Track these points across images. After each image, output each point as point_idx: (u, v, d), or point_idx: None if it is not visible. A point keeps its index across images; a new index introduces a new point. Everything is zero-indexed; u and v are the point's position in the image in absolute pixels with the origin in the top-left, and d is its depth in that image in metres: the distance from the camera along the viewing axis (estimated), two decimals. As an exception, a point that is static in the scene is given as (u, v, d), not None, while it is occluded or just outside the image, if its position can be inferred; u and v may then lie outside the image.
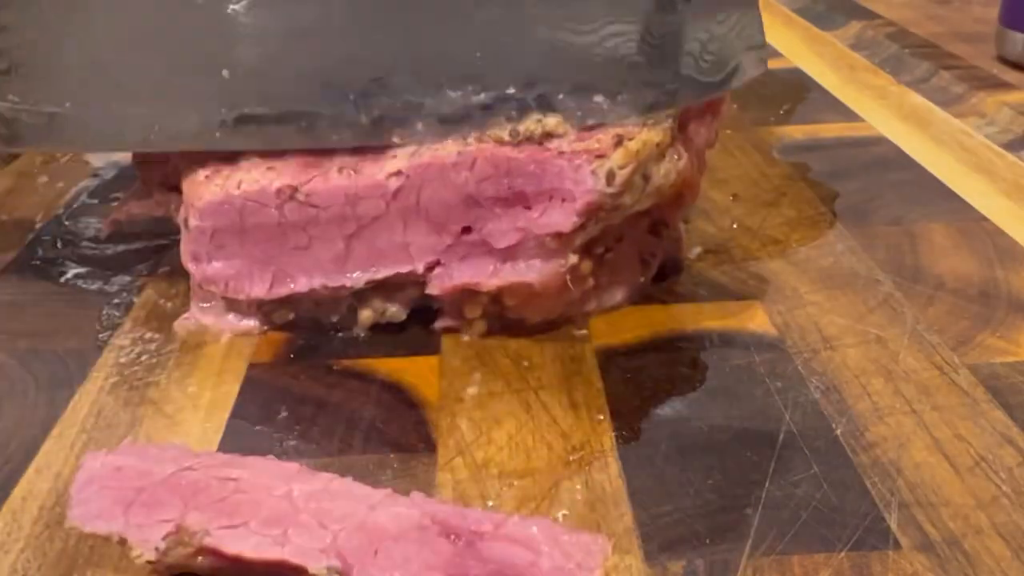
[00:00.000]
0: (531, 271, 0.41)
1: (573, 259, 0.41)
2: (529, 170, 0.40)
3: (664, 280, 0.47)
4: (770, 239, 0.51)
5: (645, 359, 0.42)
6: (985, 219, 0.53)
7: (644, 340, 0.43)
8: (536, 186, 0.40)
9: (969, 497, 0.33)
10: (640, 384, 0.40)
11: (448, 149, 0.40)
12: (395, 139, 0.41)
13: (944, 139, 0.64)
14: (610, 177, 0.39)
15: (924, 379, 0.40)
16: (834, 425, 0.37)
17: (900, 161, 0.61)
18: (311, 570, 0.29)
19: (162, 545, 0.29)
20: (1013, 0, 0.78)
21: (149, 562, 0.29)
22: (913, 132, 0.65)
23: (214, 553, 0.29)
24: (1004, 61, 0.79)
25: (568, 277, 0.41)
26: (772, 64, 0.79)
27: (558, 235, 0.40)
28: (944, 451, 0.36)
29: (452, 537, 0.30)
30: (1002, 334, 0.43)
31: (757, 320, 0.44)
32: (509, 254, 0.41)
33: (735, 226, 0.53)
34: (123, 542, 0.30)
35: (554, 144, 0.40)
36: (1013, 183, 0.57)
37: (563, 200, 0.40)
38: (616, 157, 0.39)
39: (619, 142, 0.39)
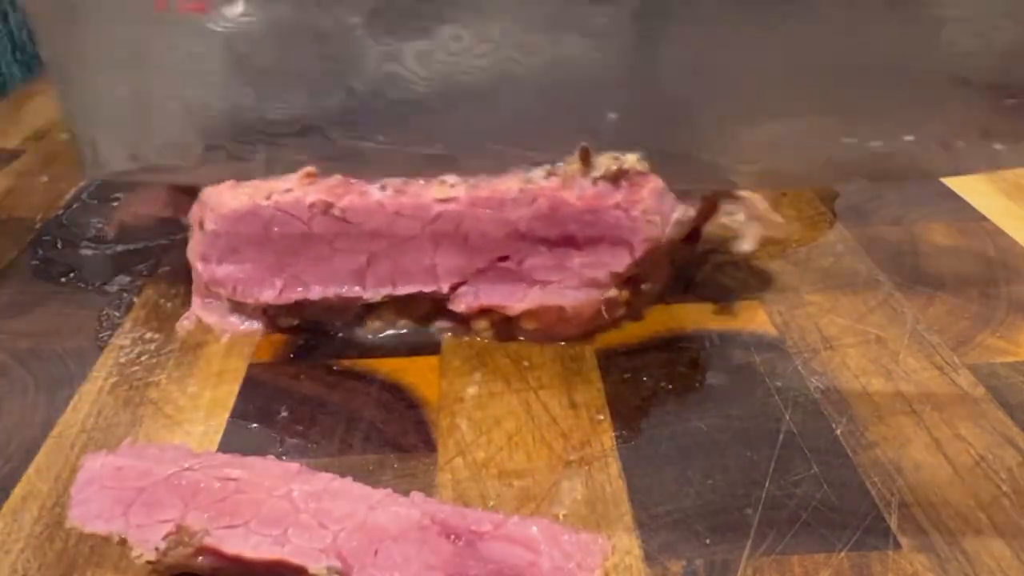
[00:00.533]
0: (564, 297, 0.41)
1: (613, 292, 0.41)
2: (585, 218, 0.39)
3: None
4: (770, 239, 0.51)
5: (645, 359, 0.42)
6: (985, 219, 0.53)
7: (644, 340, 0.43)
8: (589, 232, 0.40)
9: (969, 497, 0.33)
10: (640, 384, 0.40)
11: (508, 184, 0.40)
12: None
13: (944, 139, 0.64)
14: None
15: (924, 379, 0.40)
16: (834, 425, 0.37)
17: (900, 161, 0.61)
18: (311, 570, 0.29)
19: (162, 545, 0.29)
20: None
21: (149, 562, 0.29)
22: (913, 132, 0.65)
23: (214, 553, 0.29)
24: (1004, 61, 0.79)
25: (603, 306, 0.41)
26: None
27: (612, 273, 0.40)
28: (944, 451, 0.36)
29: (452, 537, 0.30)
30: (1002, 334, 0.43)
31: (757, 320, 0.44)
32: (543, 283, 0.41)
33: (735, 226, 0.53)
34: (123, 542, 0.30)
35: (609, 200, 0.39)
36: (1013, 183, 0.57)
37: (617, 246, 0.40)
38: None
39: None
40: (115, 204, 0.56)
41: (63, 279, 0.49)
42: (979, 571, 0.30)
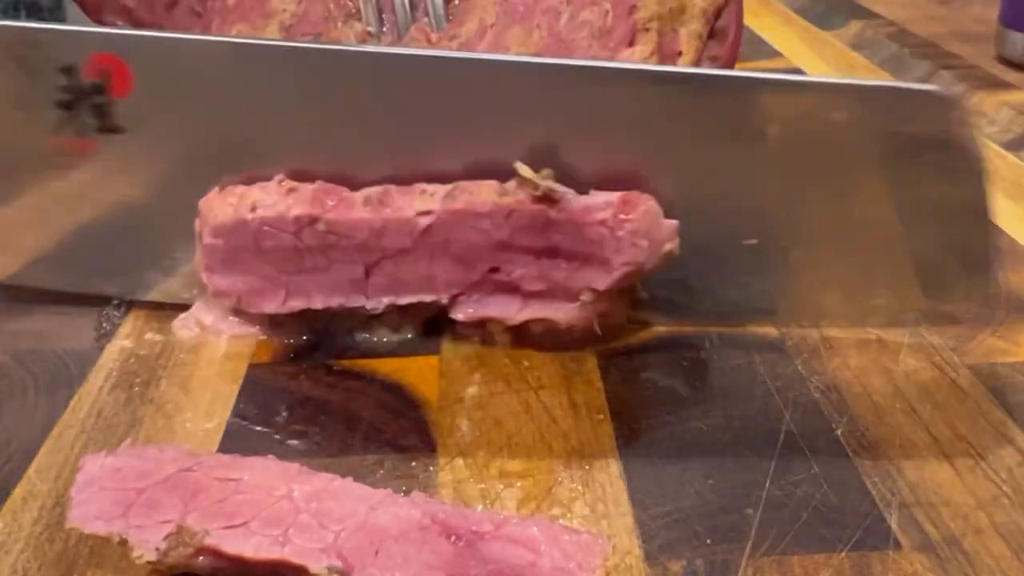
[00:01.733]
0: (559, 311, 0.41)
1: (603, 307, 0.41)
2: (567, 230, 0.39)
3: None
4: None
5: (645, 359, 0.42)
6: (985, 219, 0.53)
7: (644, 340, 0.43)
8: (572, 245, 0.39)
9: (969, 497, 0.33)
10: (640, 384, 0.40)
11: (483, 196, 0.39)
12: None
13: (944, 139, 0.64)
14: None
15: (924, 379, 0.40)
16: (834, 425, 0.37)
17: (900, 161, 0.61)
18: (312, 570, 0.29)
19: (162, 545, 0.29)
20: (1013, 0, 0.78)
21: (149, 563, 0.29)
22: (913, 132, 0.65)
23: (215, 553, 0.29)
24: (1004, 61, 0.79)
25: (596, 322, 0.41)
26: (772, 64, 0.80)
27: (592, 290, 0.40)
28: (944, 451, 0.36)
29: (452, 537, 0.30)
30: (1002, 334, 0.43)
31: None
32: (537, 295, 0.41)
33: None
34: (123, 543, 0.30)
35: (595, 216, 0.39)
36: (1013, 183, 0.57)
37: (600, 264, 0.39)
38: None
39: None
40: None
41: (63, 279, 0.49)
42: (979, 571, 0.30)
